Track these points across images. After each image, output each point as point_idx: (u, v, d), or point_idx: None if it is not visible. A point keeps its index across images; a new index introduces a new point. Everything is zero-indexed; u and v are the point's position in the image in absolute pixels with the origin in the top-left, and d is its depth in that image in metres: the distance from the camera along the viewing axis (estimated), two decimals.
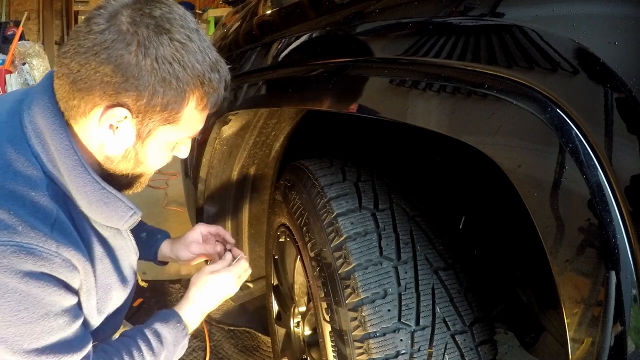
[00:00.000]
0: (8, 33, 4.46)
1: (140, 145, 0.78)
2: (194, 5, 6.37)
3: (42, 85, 0.78)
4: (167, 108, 0.74)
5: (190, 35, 0.73)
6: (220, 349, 1.77)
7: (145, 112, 0.74)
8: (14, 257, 0.67)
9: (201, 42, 0.75)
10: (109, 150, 0.78)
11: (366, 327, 0.79)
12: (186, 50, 0.72)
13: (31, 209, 0.70)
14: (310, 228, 0.96)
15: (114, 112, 0.72)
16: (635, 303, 0.43)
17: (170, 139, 0.80)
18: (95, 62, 0.70)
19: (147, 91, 0.71)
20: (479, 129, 0.56)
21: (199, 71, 0.74)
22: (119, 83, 0.70)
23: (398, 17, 0.68)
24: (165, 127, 0.77)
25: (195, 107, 0.77)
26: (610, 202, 0.44)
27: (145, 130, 0.76)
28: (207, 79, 0.75)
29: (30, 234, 0.68)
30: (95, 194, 0.77)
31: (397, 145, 1.19)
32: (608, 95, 0.43)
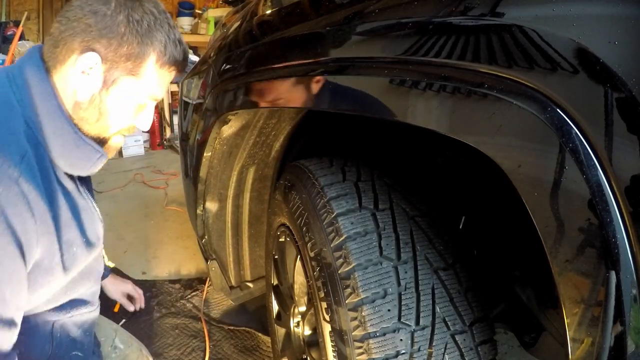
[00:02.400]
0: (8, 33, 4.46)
1: (105, 92, 0.88)
2: (193, 5, 6.37)
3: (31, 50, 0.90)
4: (130, 58, 0.87)
5: (160, 10, 0.90)
6: (220, 348, 1.77)
7: (113, 60, 0.86)
8: None
9: (168, 20, 0.90)
10: (79, 96, 0.87)
11: (366, 327, 0.79)
12: (154, 17, 0.88)
13: (5, 135, 0.77)
14: (310, 228, 0.96)
15: (87, 56, 0.84)
16: (635, 303, 0.43)
17: (132, 92, 0.90)
18: (80, 14, 0.83)
19: (115, 40, 0.84)
20: (478, 129, 0.56)
21: (162, 35, 0.88)
22: (96, 31, 0.83)
23: (398, 17, 0.68)
24: (128, 78, 0.88)
25: (155, 62, 0.90)
26: (610, 202, 0.44)
27: (111, 78, 0.87)
28: (169, 40, 0.90)
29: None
30: (68, 136, 0.86)
31: (397, 145, 1.19)
32: (608, 95, 0.43)
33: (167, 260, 2.39)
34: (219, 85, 1.31)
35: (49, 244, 0.83)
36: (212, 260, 1.72)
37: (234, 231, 1.62)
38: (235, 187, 1.53)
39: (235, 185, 1.52)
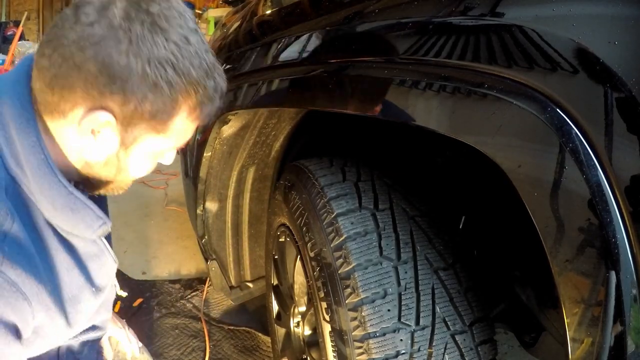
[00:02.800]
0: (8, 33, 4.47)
1: (124, 152, 0.71)
2: (194, 5, 6.37)
3: (17, 73, 0.69)
4: (155, 116, 0.66)
5: (188, 36, 0.65)
6: (220, 348, 1.77)
7: (131, 119, 0.66)
8: None
9: (199, 45, 0.67)
10: (89, 156, 0.70)
11: (366, 327, 0.79)
12: (182, 53, 0.64)
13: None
14: (310, 228, 0.96)
15: (96, 116, 0.64)
16: (635, 303, 0.43)
17: (156, 149, 0.73)
18: (80, 58, 0.61)
19: (135, 96, 0.63)
20: (478, 129, 0.56)
21: (194, 78, 0.66)
22: (105, 84, 0.62)
23: (398, 17, 0.68)
24: (151, 136, 0.69)
25: (187, 116, 0.69)
26: (610, 202, 0.44)
27: (130, 137, 0.69)
28: (202, 87, 0.67)
29: None
30: (60, 198, 0.69)
31: (397, 145, 1.19)
32: (608, 95, 0.43)
33: (167, 260, 2.39)
34: None
35: (49, 313, 0.73)
36: (212, 260, 1.72)
37: (234, 231, 1.62)
38: (235, 187, 1.53)
39: (235, 185, 1.52)
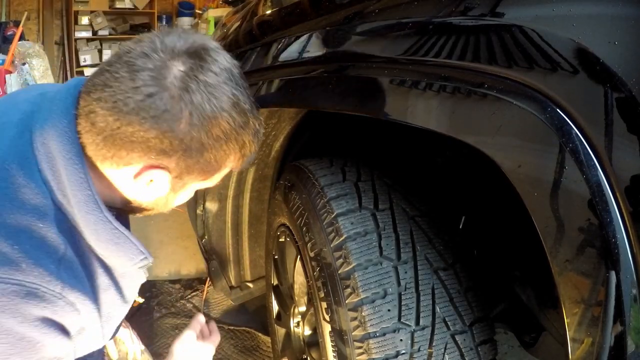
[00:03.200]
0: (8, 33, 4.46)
1: (172, 194, 0.77)
2: (193, 5, 6.37)
3: (62, 106, 0.71)
4: (207, 171, 0.73)
5: (238, 100, 0.70)
6: (220, 349, 1.77)
7: (185, 174, 0.72)
8: (14, 297, 0.61)
9: (246, 104, 0.72)
10: (139, 197, 0.76)
11: (366, 327, 0.79)
12: (235, 119, 0.70)
13: (38, 242, 0.65)
14: (310, 228, 0.96)
15: (152, 173, 0.70)
16: (635, 303, 0.43)
17: (200, 187, 0.80)
18: (139, 126, 0.65)
19: (192, 159, 0.69)
20: (479, 129, 0.56)
21: (243, 139, 0.72)
22: (164, 151, 0.67)
23: (398, 17, 0.68)
24: (199, 182, 0.76)
25: (232, 167, 0.77)
26: (610, 202, 0.44)
27: (180, 184, 0.75)
28: (248, 145, 0.74)
29: (34, 272, 0.63)
30: (105, 233, 0.73)
31: (397, 145, 1.19)
32: (608, 95, 0.43)
33: (167, 260, 2.39)
34: None
35: (90, 330, 0.76)
36: (212, 260, 1.72)
37: (234, 231, 1.62)
38: (235, 187, 1.53)
39: (235, 185, 1.52)
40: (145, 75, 0.64)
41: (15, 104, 0.77)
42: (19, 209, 0.65)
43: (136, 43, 0.68)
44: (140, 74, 0.64)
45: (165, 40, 0.67)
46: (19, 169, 0.67)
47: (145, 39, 0.68)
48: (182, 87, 0.65)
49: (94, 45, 5.87)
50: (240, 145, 0.73)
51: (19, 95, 0.81)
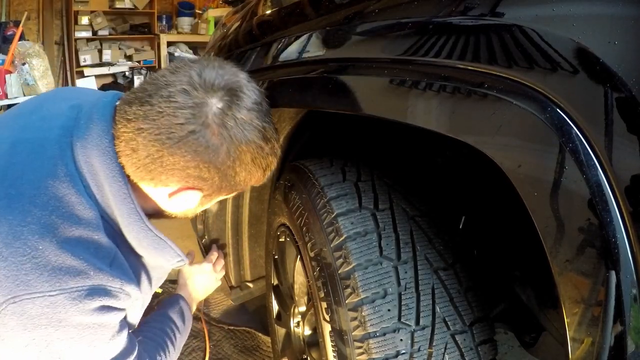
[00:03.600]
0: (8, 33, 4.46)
1: (199, 206, 0.89)
2: (194, 5, 6.37)
3: (101, 126, 0.77)
4: (233, 189, 0.85)
5: (265, 132, 0.80)
6: (220, 349, 1.77)
7: (216, 192, 0.84)
8: (88, 299, 0.72)
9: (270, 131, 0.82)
10: (170, 209, 0.87)
11: (366, 327, 0.79)
12: (263, 149, 0.81)
13: (94, 251, 0.74)
14: (310, 228, 0.96)
15: (187, 194, 0.81)
16: (635, 303, 0.43)
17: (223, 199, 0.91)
18: (180, 158, 0.74)
19: (224, 182, 0.80)
20: (478, 129, 0.56)
21: (266, 163, 0.84)
22: (202, 176, 0.77)
23: (398, 17, 0.68)
24: (224, 196, 0.88)
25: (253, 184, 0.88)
26: (610, 202, 0.44)
27: (208, 200, 0.86)
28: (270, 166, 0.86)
29: (99, 275, 0.73)
30: (146, 239, 0.82)
31: (397, 145, 1.19)
32: (608, 95, 0.43)
33: None
34: None
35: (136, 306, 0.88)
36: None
37: (234, 231, 1.62)
38: None
39: None
40: (187, 113, 0.72)
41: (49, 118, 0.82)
42: (77, 224, 0.73)
43: (174, 74, 0.75)
44: (182, 112, 0.72)
45: (203, 75, 0.74)
46: (69, 187, 0.74)
47: (182, 71, 0.75)
48: (220, 124, 0.74)
49: (94, 45, 5.87)
50: (264, 167, 0.84)
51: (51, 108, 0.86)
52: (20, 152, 0.76)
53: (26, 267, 0.69)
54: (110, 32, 5.93)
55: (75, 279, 0.71)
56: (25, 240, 0.69)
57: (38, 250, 0.69)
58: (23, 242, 0.69)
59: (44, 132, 0.79)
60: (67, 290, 0.71)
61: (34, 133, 0.79)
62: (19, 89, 4.07)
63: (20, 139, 0.79)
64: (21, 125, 0.82)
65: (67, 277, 0.71)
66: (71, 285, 0.71)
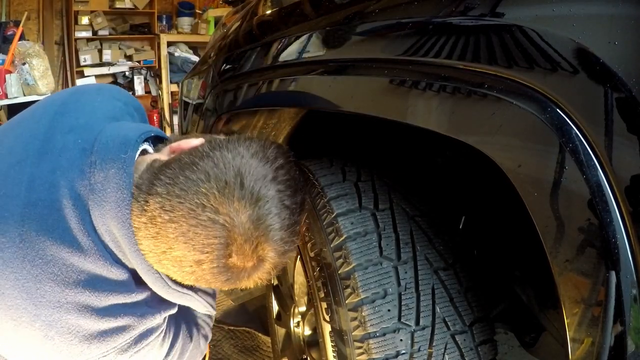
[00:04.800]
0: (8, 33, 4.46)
1: None
2: (194, 5, 6.37)
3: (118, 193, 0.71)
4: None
5: (292, 226, 0.75)
6: (220, 349, 1.77)
7: None
8: (138, 345, 0.78)
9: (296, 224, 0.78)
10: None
11: (366, 327, 0.79)
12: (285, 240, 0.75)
13: (132, 304, 0.76)
14: (310, 228, 0.96)
15: None
16: (635, 303, 0.43)
17: None
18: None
19: None
20: (479, 129, 0.56)
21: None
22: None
23: (398, 17, 0.68)
24: None
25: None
26: (610, 202, 0.44)
27: None
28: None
29: (142, 321, 0.77)
30: (175, 295, 0.82)
31: (397, 145, 1.19)
32: (608, 95, 0.43)
33: None
34: (219, 85, 1.31)
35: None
36: None
37: None
38: None
39: None
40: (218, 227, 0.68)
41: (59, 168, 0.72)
42: (111, 292, 0.73)
43: (209, 184, 0.68)
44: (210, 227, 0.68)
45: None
46: (97, 258, 0.71)
47: (217, 178, 0.68)
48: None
49: (94, 45, 5.87)
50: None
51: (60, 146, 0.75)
52: (33, 219, 0.69)
53: (75, 341, 0.71)
54: (110, 32, 5.93)
55: (122, 334, 0.75)
56: (66, 321, 0.70)
57: (80, 326, 0.71)
58: (65, 323, 0.70)
59: (55, 191, 0.70)
60: (118, 347, 0.75)
61: (45, 193, 0.70)
62: (19, 89, 4.07)
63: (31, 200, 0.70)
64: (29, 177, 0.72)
65: (115, 337, 0.74)
66: (120, 342, 0.75)
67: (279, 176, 0.73)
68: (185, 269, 0.70)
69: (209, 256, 0.68)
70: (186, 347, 0.95)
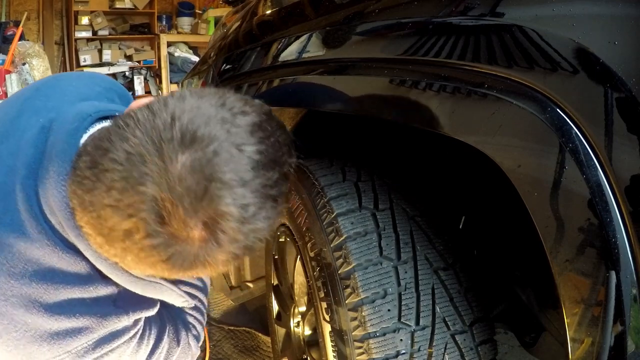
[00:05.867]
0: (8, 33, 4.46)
1: None
2: (193, 5, 6.37)
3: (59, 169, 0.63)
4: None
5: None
6: (220, 349, 1.77)
7: None
8: (99, 350, 0.69)
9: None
10: None
11: (366, 327, 0.79)
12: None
13: (93, 301, 0.68)
14: (310, 228, 0.96)
15: None
16: (635, 303, 0.43)
17: None
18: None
19: None
20: (478, 129, 0.56)
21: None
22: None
23: (398, 17, 0.68)
24: None
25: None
26: (610, 202, 0.44)
27: None
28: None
29: (103, 323, 0.68)
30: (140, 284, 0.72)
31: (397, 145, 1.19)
32: (608, 95, 0.43)
33: None
34: (219, 85, 1.31)
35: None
36: None
37: None
38: None
39: None
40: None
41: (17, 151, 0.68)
42: (64, 283, 0.65)
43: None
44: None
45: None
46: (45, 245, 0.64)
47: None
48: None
49: (94, 45, 5.87)
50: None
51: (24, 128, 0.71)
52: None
53: (23, 342, 0.64)
54: (110, 32, 5.92)
55: (77, 337, 0.66)
56: (12, 317, 0.63)
57: (28, 324, 0.64)
58: (10, 319, 0.63)
59: (11, 175, 0.66)
60: (73, 351, 0.66)
61: (4, 177, 0.66)
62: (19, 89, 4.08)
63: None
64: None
65: (68, 339, 0.65)
66: (75, 345, 0.66)
67: (238, 121, 0.55)
68: (117, 244, 0.54)
69: (136, 222, 0.51)
70: (172, 352, 0.85)
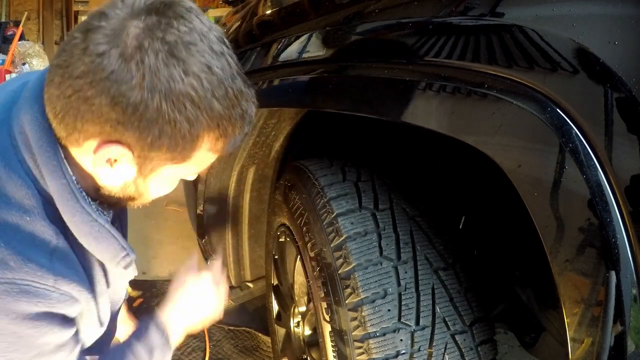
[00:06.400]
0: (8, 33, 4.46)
1: (142, 180, 0.68)
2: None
3: (34, 91, 0.65)
4: (174, 151, 0.62)
5: (210, 64, 0.59)
6: (220, 349, 1.77)
7: (149, 152, 0.61)
8: (6, 296, 0.60)
9: (224, 72, 0.60)
10: (105, 182, 0.68)
11: (366, 327, 0.79)
12: (203, 85, 0.58)
13: (27, 237, 0.62)
14: (310, 228, 0.96)
15: (111, 149, 0.61)
16: (635, 303, 0.43)
17: (175, 175, 0.70)
18: (90, 92, 0.57)
19: (151, 132, 0.59)
20: (479, 129, 0.56)
21: (217, 112, 0.60)
22: (118, 120, 0.58)
23: (398, 17, 0.68)
24: (170, 166, 0.65)
25: (209, 149, 0.65)
26: (610, 202, 0.44)
27: (148, 168, 0.65)
28: (226, 118, 0.62)
29: (24, 268, 0.60)
30: (84, 225, 0.67)
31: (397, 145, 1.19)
32: (608, 95, 0.43)
33: (167, 260, 2.39)
34: None
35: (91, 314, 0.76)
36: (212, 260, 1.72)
37: (234, 231, 1.62)
38: (235, 187, 1.53)
39: (235, 186, 1.52)
40: (99, 36, 0.56)
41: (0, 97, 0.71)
42: (5, 204, 0.61)
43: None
44: (93, 35, 0.57)
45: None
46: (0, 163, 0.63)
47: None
48: (135, 46, 0.56)
49: None
50: (217, 121, 0.61)
51: (5, 88, 0.74)
52: None
53: None
54: None
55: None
56: None
57: None
58: None
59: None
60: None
61: None
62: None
63: None
64: None
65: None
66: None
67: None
68: (72, 81, 0.57)
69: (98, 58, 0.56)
70: None
